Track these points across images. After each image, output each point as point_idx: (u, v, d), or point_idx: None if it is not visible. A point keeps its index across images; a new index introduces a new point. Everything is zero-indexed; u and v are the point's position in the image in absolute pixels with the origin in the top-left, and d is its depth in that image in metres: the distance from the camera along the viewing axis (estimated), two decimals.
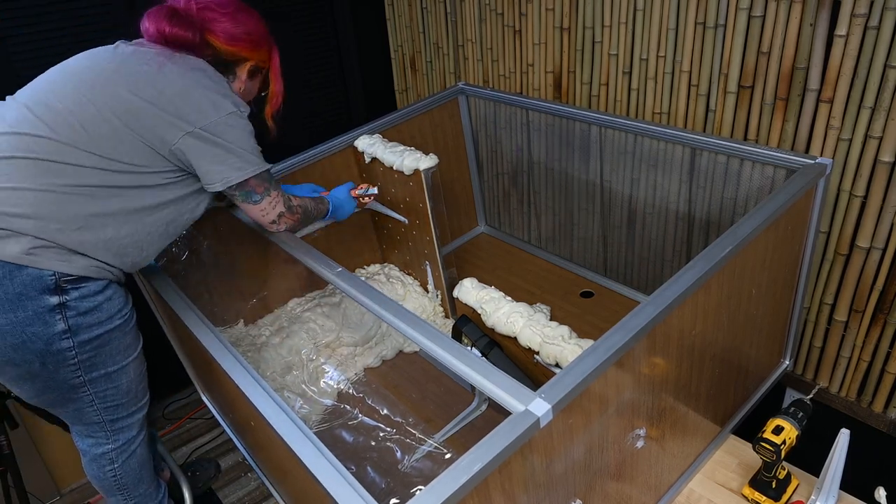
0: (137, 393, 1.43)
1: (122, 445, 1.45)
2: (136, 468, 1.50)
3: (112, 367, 1.33)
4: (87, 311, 1.24)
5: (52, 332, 1.20)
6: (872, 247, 1.59)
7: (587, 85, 2.09)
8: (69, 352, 1.24)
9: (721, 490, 1.45)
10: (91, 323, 1.25)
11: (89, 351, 1.27)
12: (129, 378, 1.38)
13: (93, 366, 1.29)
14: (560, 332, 1.44)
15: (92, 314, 1.25)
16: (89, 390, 1.32)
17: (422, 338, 1.15)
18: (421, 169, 1.80)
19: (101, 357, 1.30)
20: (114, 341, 1.30)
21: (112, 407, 1.38)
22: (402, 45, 2.75)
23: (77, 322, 1.23)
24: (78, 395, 1.31)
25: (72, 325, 1.22)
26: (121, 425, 1.42)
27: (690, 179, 1.73)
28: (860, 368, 1.73)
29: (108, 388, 1.34)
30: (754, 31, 1.62)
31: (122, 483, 1.50)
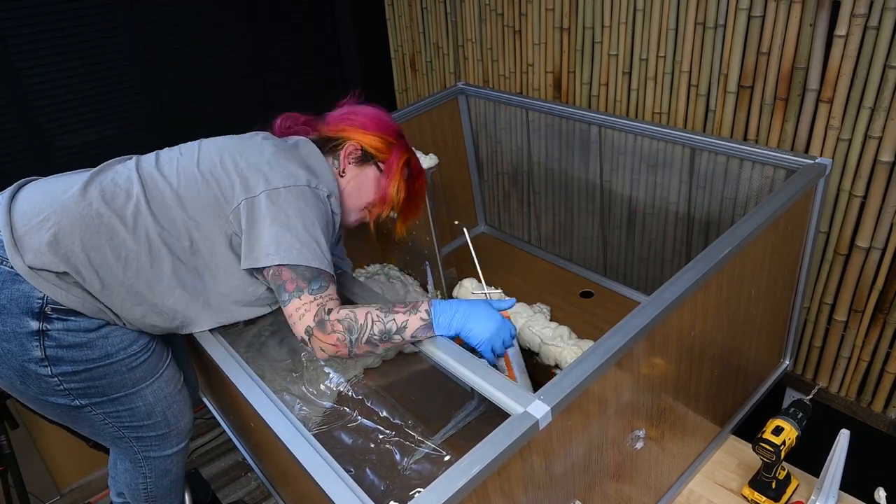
0: (167, 416, 1.29)
1: (154, 461, 1.34)
2: (169, 485, 1.42)
3: (116, 394, 1.21)
4: (72, 345, 1.12)
5: (28, 356, 1.10)
6: (872, 247, 1.59)
7: (587, 85, 2.08)
8: (50, 378, 1.13)
9: (721, 490, 1.45)
10: (76, 358, 1.13)
11: (78, 382, 1.15)
12: (147, 402, 1.25)
13: (88, 395, 1.18)
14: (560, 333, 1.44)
15: (78, 349, 1.13)
16: (96, 411, 1.20)
17: None
18: None
19: (99, 388, 1.18)
20: (113, 375, 1.18)
21: (133, 427, 1.26)
22: (402, 45, 2.74)
23: (57, 354, 1.12)
24: (83, 415, 1.20)
25: (49, 356, 1.11)
26: (150, 443, 1.30)
27: (690, 179, 1.73)
28: (860, 368, 1.73)
29: (121, 410, 1.23)
30: (754, 32, 1.62)
31: (152, 496, 1.42)
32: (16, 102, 2.03)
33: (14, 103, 2.02)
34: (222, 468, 2.18)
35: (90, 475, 2.31)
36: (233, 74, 2.38)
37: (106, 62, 2.13)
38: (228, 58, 2.35)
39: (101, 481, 2.27)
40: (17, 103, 2.02)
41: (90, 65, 2.09)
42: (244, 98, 2.44)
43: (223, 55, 2.33)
